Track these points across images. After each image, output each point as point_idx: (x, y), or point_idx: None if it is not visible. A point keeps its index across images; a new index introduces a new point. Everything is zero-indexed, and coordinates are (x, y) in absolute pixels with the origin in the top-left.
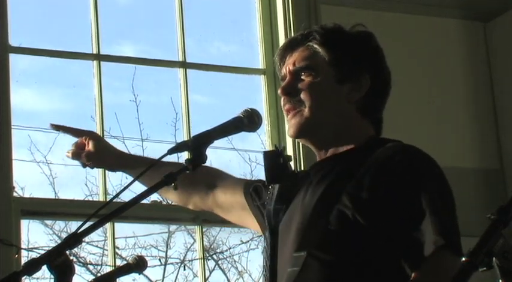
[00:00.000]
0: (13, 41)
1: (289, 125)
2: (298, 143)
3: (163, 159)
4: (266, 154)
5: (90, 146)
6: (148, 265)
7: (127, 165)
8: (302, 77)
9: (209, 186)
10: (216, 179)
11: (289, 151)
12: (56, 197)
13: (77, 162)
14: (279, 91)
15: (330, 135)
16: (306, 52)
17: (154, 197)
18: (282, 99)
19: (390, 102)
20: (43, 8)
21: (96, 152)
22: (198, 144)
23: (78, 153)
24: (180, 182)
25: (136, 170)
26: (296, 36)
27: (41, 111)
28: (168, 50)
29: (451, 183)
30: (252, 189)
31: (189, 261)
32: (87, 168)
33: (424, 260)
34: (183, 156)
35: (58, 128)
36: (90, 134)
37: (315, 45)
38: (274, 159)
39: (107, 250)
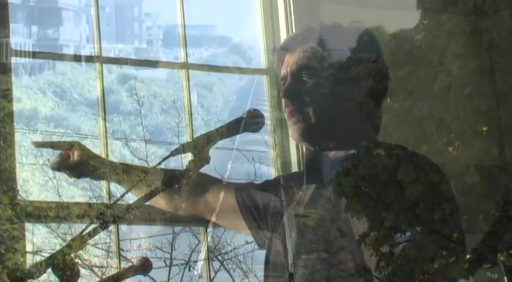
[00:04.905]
0: (15, 44)
1: (293, 128)
2: None
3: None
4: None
5: (75, 156)
6: (153, 267)
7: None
8: (304, 79)
9: (200, 192)
10: (207, 184)
11: (292, 151)
12: (60, 200)
13: None
14: (281, 94)
15: (332, 138)
16: (307, 53)
17: None
18: (284, 101)
19: (389, 100)
20: (43, 9)
21: (82, 162)
22: (201, 145)
23: (63, 165)
24: (171, 189)
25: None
26: (296, 35)
27: (44, 114)
28: (169, 51)
29: (456, 180)
30: (245, 193)
31: (194, 262)
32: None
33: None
34: (187, 158)
35: (41, 144)
36: (74, 145)
37: (316, 46)
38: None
39: (111, 252)
